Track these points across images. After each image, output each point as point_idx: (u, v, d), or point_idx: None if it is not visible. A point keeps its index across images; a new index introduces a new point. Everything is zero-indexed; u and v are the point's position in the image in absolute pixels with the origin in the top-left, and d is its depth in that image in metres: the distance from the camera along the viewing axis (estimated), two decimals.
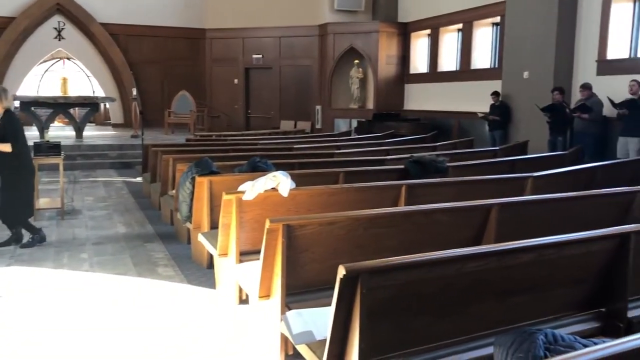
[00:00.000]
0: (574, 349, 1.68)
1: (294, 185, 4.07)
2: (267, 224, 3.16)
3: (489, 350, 2.52)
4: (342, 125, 15.69)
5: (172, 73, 17.43)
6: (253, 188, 3.80)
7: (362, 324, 2.31)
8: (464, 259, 2.55)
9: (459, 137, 12.06)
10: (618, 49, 9.84)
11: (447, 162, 6.26)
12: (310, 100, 16.59)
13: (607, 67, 9.84)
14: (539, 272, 2.80)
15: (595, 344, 1.61)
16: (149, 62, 17.41)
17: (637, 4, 9.73)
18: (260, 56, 17.02)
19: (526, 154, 8.78)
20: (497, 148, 9.05)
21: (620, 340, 1.55)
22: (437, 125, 13.29)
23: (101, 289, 4.65)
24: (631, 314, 3.12)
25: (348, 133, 13.95)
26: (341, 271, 2.26)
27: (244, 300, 4.23)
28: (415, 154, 6.40)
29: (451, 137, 12.53)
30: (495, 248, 2.65)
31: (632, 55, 9.73)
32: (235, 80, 17.49)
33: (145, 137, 11.01)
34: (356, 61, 15.51)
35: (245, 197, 3.83)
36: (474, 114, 11.83)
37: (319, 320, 2.58)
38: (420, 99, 15.08)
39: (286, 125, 16.36)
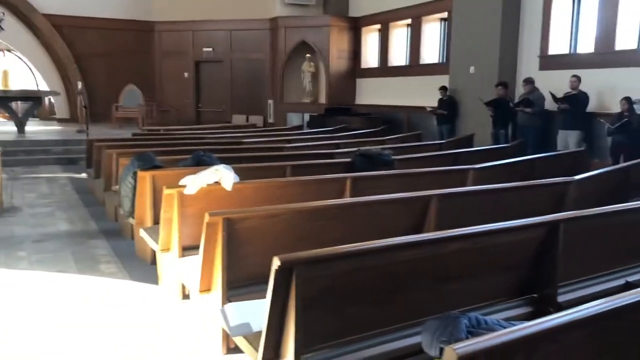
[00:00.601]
0: (495, 331, 1.74)
1: (237, 179, 4.05)
2: (207, 218, 3.14)
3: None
4: (294, 119, 15.68)
5: (119, 66, 17.00)
6: (194, 182, 3.76)
7: (297, 315, 2.33)
8: (398, 248, 2.61)
9: (409, 131, 12.23)
10: (559, 44, 10.18)
11: (394, 155, 6.36)
12: (263, 95, 16.51)
13: (548, 62, 10.17)
14: (472, 259, 2.88)
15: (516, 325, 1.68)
16: (95, 55, 16.92)
17: (576, 1, 10.08)
18: (210, 49, 16.81)
19: (471, 147, 8.99)
20: (444, 141, 9.24)
21: (533, 322, 1.62)
22: (388, 120, 13.45)
23: (40, 287, 4.52)
24: (561, 298, 3.25)
25: (300, 127, 13.96)
26: (276, 262, 2.27)
27: (187, 296, 4.19)
28: (362, 148, 6.47)
29: (402, 131, 12.68)
30: (428, 237, 2.72)
31: (572, 51, 10.09)
32: (186, 74, 17.23)
33: (91, 132, 10.74)
34: (308, 55, 15.52)
35: (186, 192, 3.79)
36: (423, 108, 12.03)
37: (257, 312, 2.58)
38: (371, 93, 15.22)
39: (238, 119, 16.24)
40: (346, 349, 2.53)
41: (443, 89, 11.57)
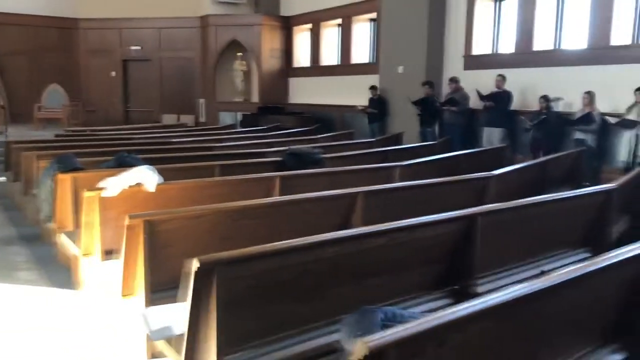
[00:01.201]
0: None
1: (161, 180, 3.97)
2: (127, 221, 3.06)
3: None
4: (227, 118, 15.49)
5: (42, 65, 16.22)
6: (115, 184, 3.65)
7: (219, 316, 2.31)
8: (321, 245, 2.63)
9: (342, 130, 12.35)
10: (482, 45, 10.56)
11: (324, 154, 6.41)
12: (194, 94, 16.22)
13: (473, 62, 10.53)
14: (395, 254, 2.95)
15: None
16: (15, 53, 16.06)
17: (497, 3, 10.49)
18: (139, 48, 16.35)
19: (400, 145, 9.18)
20: (374, 139, 9.39)
21: (441, 313, 1.68)
22: (321, 119, 13.52)
23: None
24: (481, 289, 3.38)
25: (233, 126, 13.81)
26: (195, 264, 2.24)
27: (110, 300, 4.06)
28: (292, 147, 6.49)
29: (334, 130, 12.78)
30: (351, 233, 2.76)
31: (495, 51, 10.49)
32: (113, 73, 16.68)
33: (11, 133, 10.21)
34: (239, 54, 15.39)
35: (105, 194, 3.67)
36: (355, 107, 12.18)
37: (178, 315, 2.54)
38: (304, 92, 15.26)
39: (168, 119, 15.87)
40: (270, 347, 2.53)
41: (373, 88, 11.75)
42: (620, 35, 8.35)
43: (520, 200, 3.66)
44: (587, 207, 4.12)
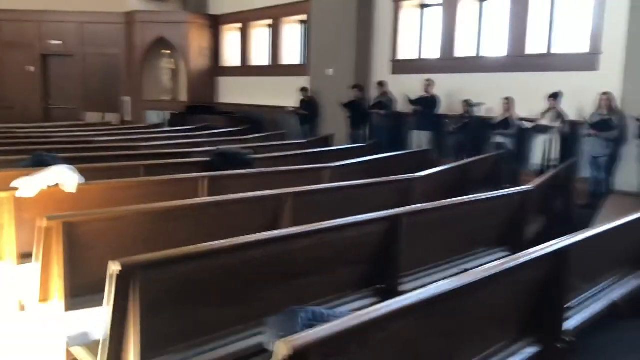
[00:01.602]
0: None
1: (82, 180, 3.81)
2: (44, 222, 2.91)
3: None
4: (154, 117, 15.07)
5: None
6: (31, 184, 3.47)
7: (141, 320, 2.24)
8: (247, 246, 2.61)
9: (274, 131, 12.31)
10: (409, 50, 10.83)
11: (255, 155, 6.37)
12: (119, 92, 15.65)
13: (399, 66, 10.79)
14: (322, 254, 2.97)
15: None
16: None
17: (422, 10, 10.79)
18: (60, 42, 15.60)
19: (330, 147, 9.26)
20: (305, 141, 9.42)
21: (364, 312, 1.70)
22: (252, 119, 13.43)
23: None
24: (406, 287, 3.46)
25: (160, 125, 13.46)
26: (115, 267, 2.16)
27: (26, 306, 3.85)
28: (220, 147, 6.41)
29: (265, 131, 12.70)
30: (278, 234, 2.75)
31: (420, 57, 10.78)
32: (32, 68, 15.83)
33: None
34: (167, 52, 15.03)
35: (20, 194, 3.48)
36: (286, 108, 12.18)
37: (98, 320, 2.44)
38: (234, 92, 15.10)
39: (92, 117, 15.24)
40: (195, 351, 2.48)
41: (304, 89, 11.80)
42: (536, 44, 8.80)
43: (443, 201, 3.78)
44: (506, 207, 4.32)
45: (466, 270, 3.89)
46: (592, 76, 7.89)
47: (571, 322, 2.98)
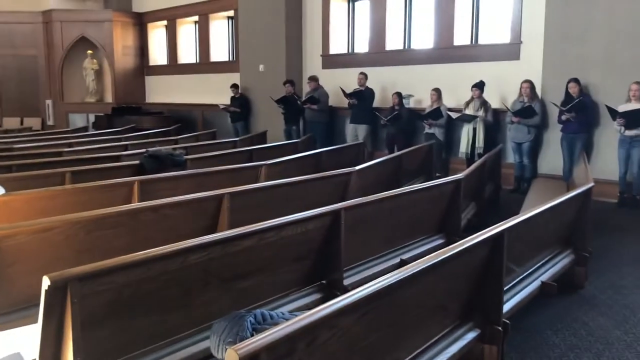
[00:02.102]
0: (279, 324, 1.78)
1: (2, 191, 3.59)
2: None
3: None
4: (78, 120, 14.48)
5: None
6: None
7: (76, 336, 2.13)
8: (187, 251, 2.53)
9: (204, 129, 12.12)
10: (339, 44, 10.90)
11: (186, 155, 6.22)
12: (39, 95, 14.92)
13: (330, 61, 10.84)
14: (263, 254, 2.93)
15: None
16: None
17: (350, 4, 10.88)
18: None
19: (265, 144, 9.20)
20: (238, 139, 9.31)
21: (310, 312, 1.69)
22: (182, 118, 13.15)
23: None
24: (347, 282, 3.49)
25: (85, 129, 12.94)
26: (45, 282, 2.04)
27: None
28: (150, 149, 6.22)
29: (196, 130, 12.51)
30: (218, 237, 2.68)
31: (351, 51, 10.88)
32: None
33: None
34: (89, 52, 14.45)
35: None
36: (217, 106, 12.00)
37: (28, 339, 2.31)
38: (162, 91, 14.72)
39: (10, 122, 14.44)
40: None
41: (235, 86, 11.66)
42: (462, 36, 9.06)
43: (381, 194, 3.82)
44: (440, 196, 4.42)
45: (402, 260, 3.99)
46: (514, 65, 8.22)
47: (507, 305, 3.09)
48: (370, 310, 1.99)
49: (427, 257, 2.33)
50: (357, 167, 5.30)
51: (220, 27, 13.44)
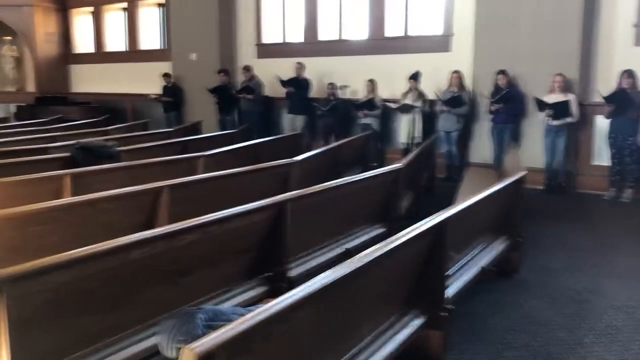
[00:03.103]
0: (232, 320, 1.73)
1: None
2: None
3: None
4: None
5: None
6: None
7: (11, 340, 2.00)
8: (128, 247, 2.43)
9: (135, 120, 11.72)
10: (273, 34, 10.80)
11: (119, 147, 5.99)
12: None
13: (265, 50, 10.74)
14: (207, 248, 2.86)
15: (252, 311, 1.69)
16: None
17: None
18: None
19: (200, 134, 9.01)
20: (171, 129, 9.06)
21: (265, 307, 1.66)
22: (111, 108, 12.66)
23: None
24: (293, 273, 3.47)
25: (6, 119, 12.22)
26: None
27: None
28: (81, 140, 5.94)
29: (126, 120, 12.08)
30: (160, 232, 2.60)
31: (285, 41, 10.80)
32: None
33: None
34: (8, 38, 13.62)
35: None
36: (148, 95, 11.63)
37: None
38: (89, 80, 14.10)
39: None
40: None
41: (167, 75, 11.33)
42: (395, 28, 9.20)
43: (325, 184, 3.82)
44: (381, 185, 4.48)
45: (347, 250, 4.02)
46: (446, 57, 8.43)
47: (450, 291, 3.17)
48: (323, 302, 1.98)
49: (376, 246, 2.35)
50: (298, 158, 5.29)
51: (150, 14, 13.00)
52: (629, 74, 6.56)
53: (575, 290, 3.97)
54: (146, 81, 12.19)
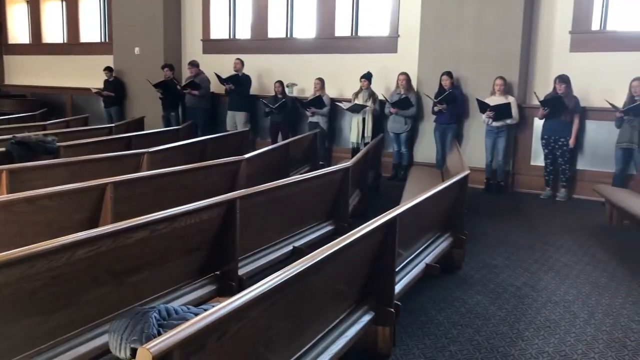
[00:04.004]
0: (187, 320, 1.71)
1: None
2: None
3: None
4: None
5: None
6: None
7: None
8: (73, 246, 2.35)
9: (74, 115, 11.33)
10: (220, 30, 10.67)
11: (58, 142, 5.78)
12: None
13: (211, 46, 10.59)
14: (155, 247, 2.80)
15: (206, 310, 1.67)
16: None
17: None
18: None
19: (143, 130, 8.80)
20: (113, 125, 8.81)
21: (220, 306, 1.65)
22: (48, 102, 12.18)
23: None
24: (242, 271, 3.44)
25: None
26: None
27: None
28: (18, 135, 5.70)
29: (65, 115, 11.67)
30: (106, 230, 2.52)
31: (232, 37, 10.69)
32: None
33: None
34: None
35: None
36: (88, 89, 11.25)
37: None
38: (25, 72, 13.50)
39: None
40: None
41: (108, 69, 10.99)
42: (344, 28, 9.27)
43: (275, 182, 3.81)
44: (330, 184, 4.51)
45: (294, 248, 4.03)
46: (393, 58, 8.57)
47: (397, 287, 3.23)
48: (277, 300, 1.98)
49: (330, 244, 2.36)
50: (247, 156, 5.25)
51: (90, 5, 12.56)
52: (561, 79, 6.87)
53: (516, 285, 4.13)
54: (87, 75, 11.80)
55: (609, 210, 6.03)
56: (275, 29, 10.00)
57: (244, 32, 10.49)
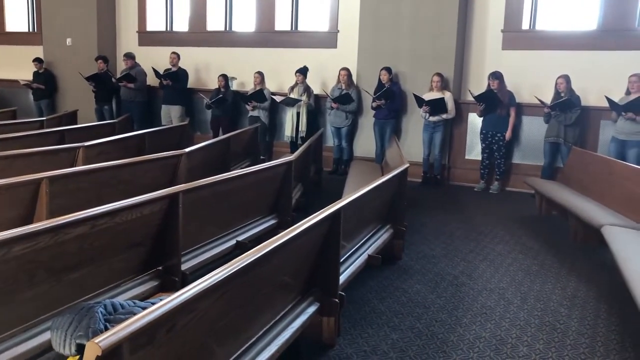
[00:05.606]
0: (134, 314, 1.69)
1: None
2: None
3: (48, 335, 2.34)
4: None
5: None
6: None
7: None
8: (9, 242, 2.26)
9: (2, 108, 10.76)
10: (157, 22, 10.41)
11: None
12: None
13: (147, 38, 10.32)
14: (95, 242, 2.73)
15: (154, 304, 1.65)
16: None
17: None
18: None
19: (76, 124, 8.48)
20: (44, 118, 8.44)
21: (169, 298, 1.64)
22: None
23: None
24: (185, 267, 3.41)
25: None
26: None
27: None
28: None
29: None
30: (44, 225, 2.43)
31: (169, 29, 10.46)
32: None
33: None
34: None
35: None
36: (16, 81, 10.72)
37: None
38: None
39: None
40: None
41: (38, 60, 10.51)
42: (282, 22, 9.26)
43: (218, 176, 3.79)
44: (273, 178, 4.51)
45: (238, 242, 4.02)
46: (332, 53, 8.64)
47: (342, 278, 3.29)
48: (225, 292, 1.98)
49: (277, 236, 2.38)
50: (187, 150, 5.17)
51: None
52: (494, 75, 7.15)
53: (453, 275, 4.28)
54: (13, 66, 11.25)
55: (538, 202, 6.34)
56: (214, 22, 9.87)
57: (181, 24, 10.28)
